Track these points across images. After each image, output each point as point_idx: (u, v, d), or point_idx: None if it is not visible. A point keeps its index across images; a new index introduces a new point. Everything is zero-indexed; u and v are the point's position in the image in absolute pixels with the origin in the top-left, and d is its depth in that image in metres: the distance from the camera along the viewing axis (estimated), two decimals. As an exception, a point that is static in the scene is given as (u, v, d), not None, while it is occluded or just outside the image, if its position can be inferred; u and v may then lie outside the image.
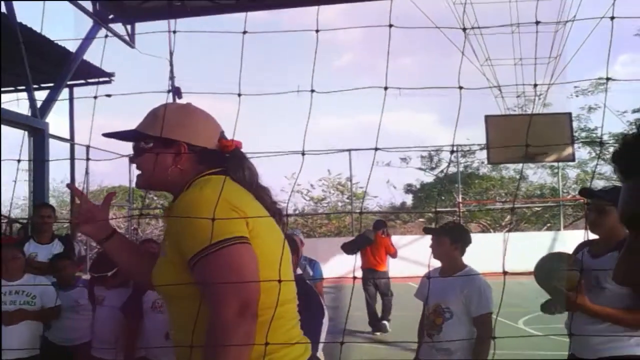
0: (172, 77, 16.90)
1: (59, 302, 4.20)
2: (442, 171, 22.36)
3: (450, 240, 3.25)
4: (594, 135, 20.59)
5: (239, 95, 1.56)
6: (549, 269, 2.75)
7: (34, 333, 4.07)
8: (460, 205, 18.16)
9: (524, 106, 16.17)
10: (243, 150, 1.70)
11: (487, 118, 13.17)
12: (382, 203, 24.46)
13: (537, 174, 21.49)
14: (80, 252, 6.26)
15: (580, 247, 2.93)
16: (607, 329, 2.60)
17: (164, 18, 11.24)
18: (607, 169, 21.09)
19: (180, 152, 1.60)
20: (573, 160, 14.38)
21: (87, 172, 16.60)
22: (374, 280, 8.43)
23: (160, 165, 1.60)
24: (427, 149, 21.11)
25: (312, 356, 1.64)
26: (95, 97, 1.89)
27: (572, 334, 2.44)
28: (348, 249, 8.24)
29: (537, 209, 21.05)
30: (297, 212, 22.18)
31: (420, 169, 23.00)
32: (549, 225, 20.72)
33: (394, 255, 8.72)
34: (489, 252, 16.21)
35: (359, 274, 8.56)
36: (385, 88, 1.55)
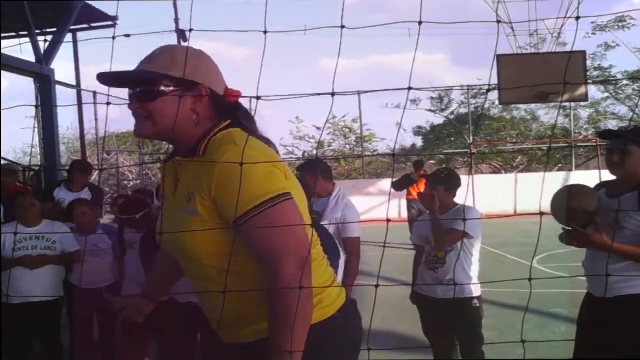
0: (177, 20, 16.63)
1: (78, 247, 4.34)
2: (452, 112, 22.10)
3: (445, 188, 3.53)
4: (607, 74, 20.17)
5: (265, 32, 1.44)
6: (562, 205, 2.69)
7: (58, 277, 4.28)
8: (472, 146, 18.04)
9: (538, 45, 15.81)
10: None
11: (499, 57, 12.90)
12: (392, 145, 24.29)
13: (548, 114, 21.22)
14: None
15: (597, 188, 2.89)
16: (626, 268, 2.59)
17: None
18: (620, 108, 20.82)
19: (202, 95, 1.53)
20: (586, 100, 14.11)
21: (96, 119, 16.52)
22: (417, 206, 10.58)
23: (182, 110, 1.51)
24: (458, 88, 20.40)
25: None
26: (113, 38, 1.75)
27: (609, 275, 2.40)
28: (397, 187, 10.44)
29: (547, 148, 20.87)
30: (306, 155, 22.12)
31: (430, 110, 22.71)
32: (560, 165, 20.59)
33: None
34: (500, 193, 16.31)
35: (404, 203, 11.31)
36: (420, 23, 1.46)
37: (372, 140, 23.24)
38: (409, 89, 1.46)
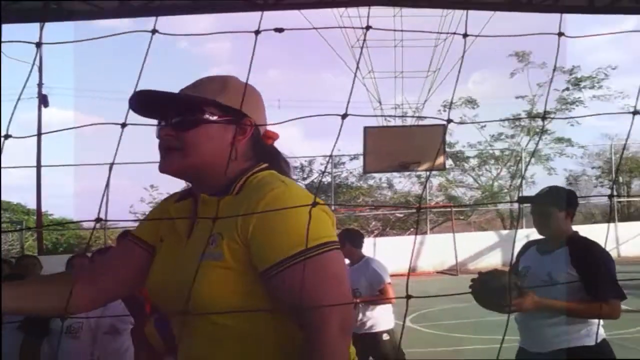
0: (40, 84, 15.81)
1: None
2: (313, 181, 22.95)
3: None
4: (456, 148, 22.61)
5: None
6: (492, 290, 2.59)
7: None
8: (334, 212, 18.86)
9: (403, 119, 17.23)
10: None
11: (366, 129, 13.79)
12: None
13: (401, 183, 22.84)
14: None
15: (528, 246, 3.04)
16: (559, 321, 2.66)
17: (37, 21, 10.45)
18: (466, 178, 23.18)
19: (246, 130, 1.36)
20: (444, 169, 15.40)
21: None
22: None
23: (220, 142, 1.33)
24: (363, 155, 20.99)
25: None
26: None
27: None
28: None
29: (400, 215, 22.33)
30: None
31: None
32: (411, 230, 22.07)
33: None
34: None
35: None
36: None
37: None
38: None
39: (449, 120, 1.18)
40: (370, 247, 17.42)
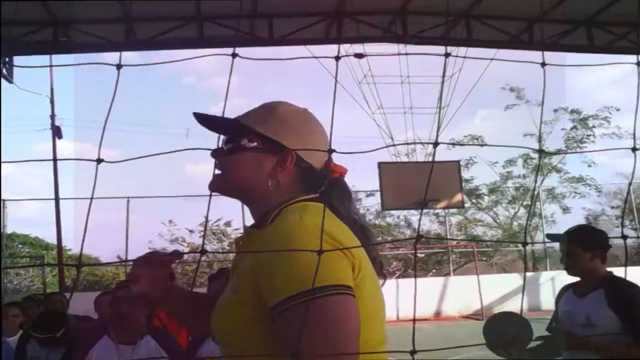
0: (52, 115, 15.81)
1: None
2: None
3: None
4: (472, 185, 21.92)
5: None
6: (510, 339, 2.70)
7: None
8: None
9: (411, 154, 16.87)
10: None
11: (380, 165, 13.41)
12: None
13: (420, 221, 22.27)
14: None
15: (564, 290, 2.99)
16: None
17: (47, 53, 10.41)
18: (482, 215, 22.48)
19: (286, 161, 1.34)
20: (462, 206, 14.97)
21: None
22: None
23: (258, 170, 1.34)
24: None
25: None
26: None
27: None
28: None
29: (421, 255, 21.64)
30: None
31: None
32: (434, 271, 21.35)
33: None
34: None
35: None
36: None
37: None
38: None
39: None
40: (393, 289, 16.73)
